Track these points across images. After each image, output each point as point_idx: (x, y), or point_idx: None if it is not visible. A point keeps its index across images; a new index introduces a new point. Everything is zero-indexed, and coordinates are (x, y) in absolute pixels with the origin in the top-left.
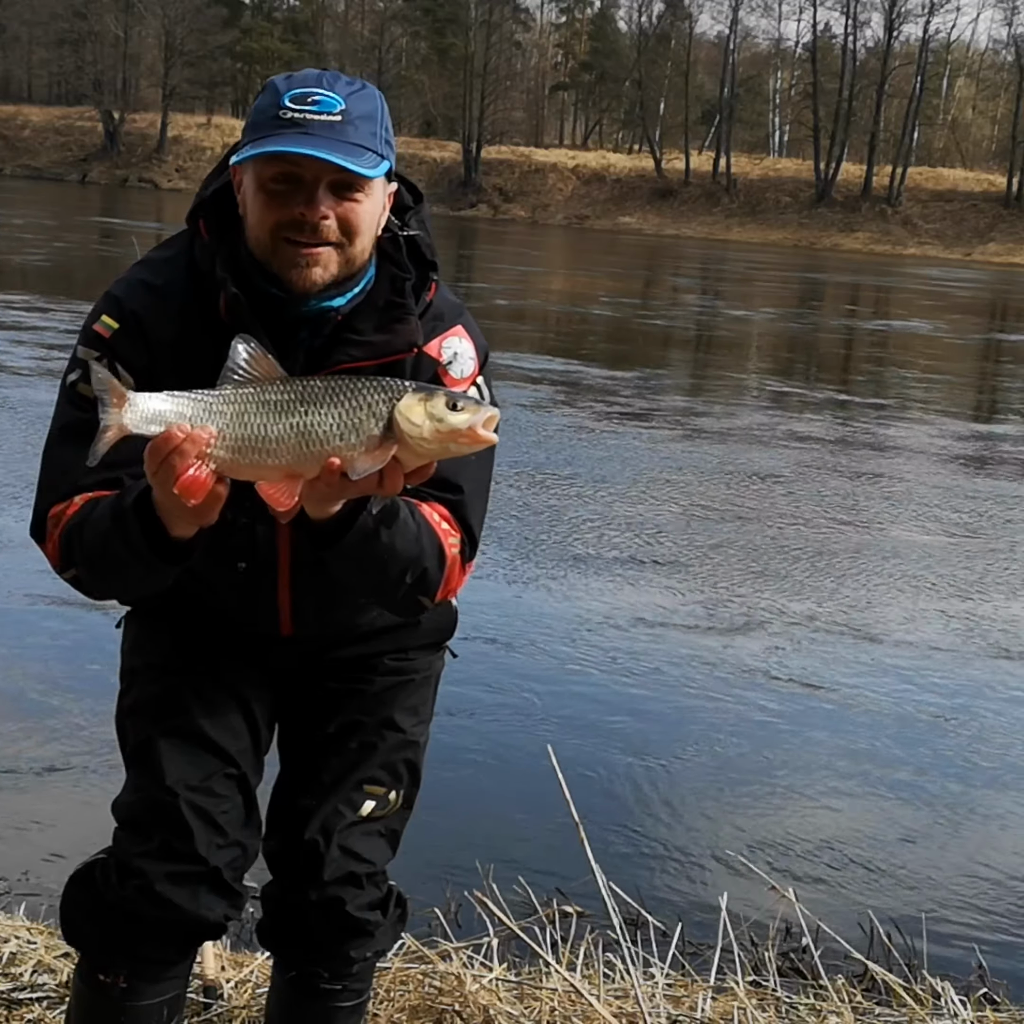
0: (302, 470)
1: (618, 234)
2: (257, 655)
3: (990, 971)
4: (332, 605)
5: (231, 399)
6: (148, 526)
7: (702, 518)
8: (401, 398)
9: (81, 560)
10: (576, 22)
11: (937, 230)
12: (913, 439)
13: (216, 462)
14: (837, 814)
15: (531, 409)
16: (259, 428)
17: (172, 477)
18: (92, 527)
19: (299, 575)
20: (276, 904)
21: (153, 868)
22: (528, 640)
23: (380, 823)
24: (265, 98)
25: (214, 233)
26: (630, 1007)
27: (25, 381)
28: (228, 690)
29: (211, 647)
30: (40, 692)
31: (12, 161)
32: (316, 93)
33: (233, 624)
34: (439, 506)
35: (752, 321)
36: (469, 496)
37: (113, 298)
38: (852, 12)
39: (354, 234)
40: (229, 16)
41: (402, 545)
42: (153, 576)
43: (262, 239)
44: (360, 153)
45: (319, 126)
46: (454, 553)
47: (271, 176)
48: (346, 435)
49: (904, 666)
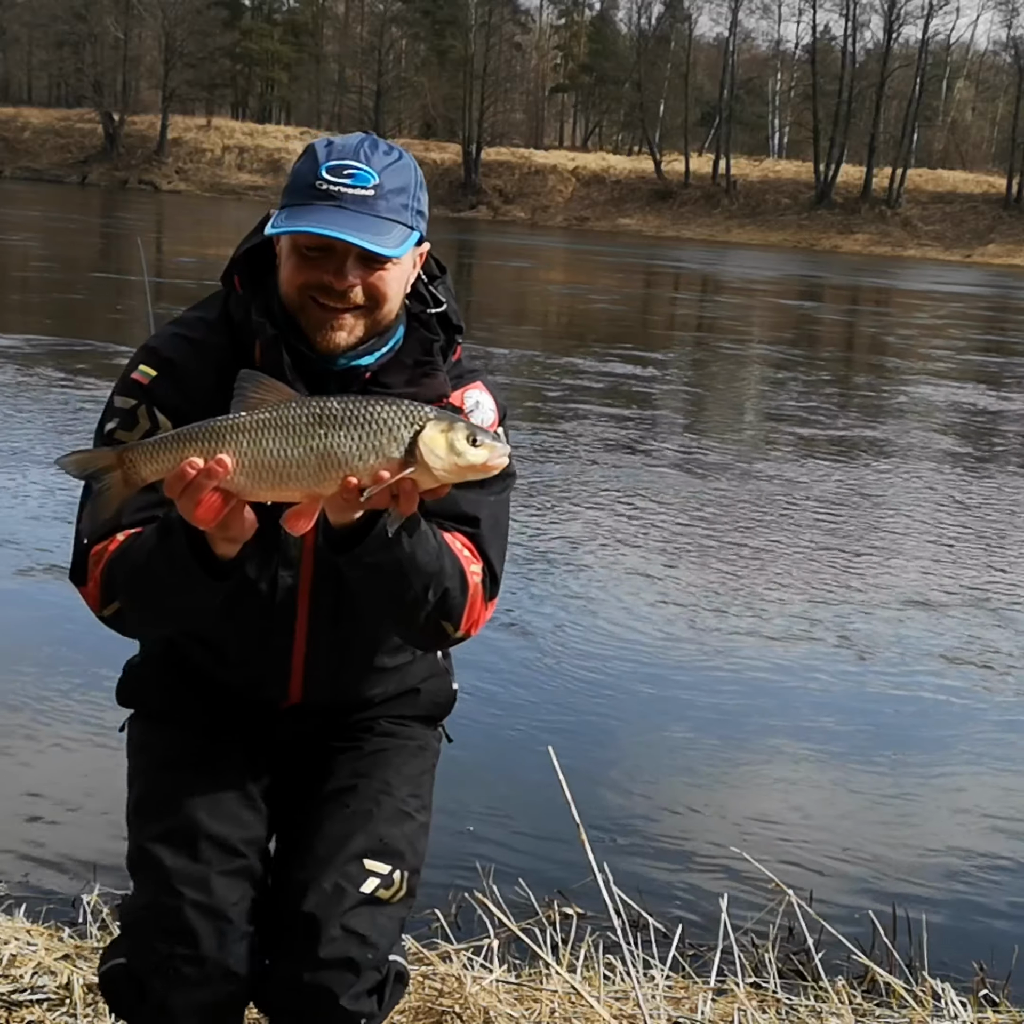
0: (321, 491)
1: (617, 235)
2: (261, 734)
3: (990, 972)
4: (344, 667)
5: (246, 425)
6: (194, 540)
7: (707, 518)
8: (424, 426)
9: (124, 586)
10: (575, 24)
11: (937, 232)
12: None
13: (235, 488)
14: (840, 815)
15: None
16: (277, 452)
17: (192, 506)
18: (137, 549)
19: (315, 636)
20: (268, 975)
21: (165, 985)
22: (528, 640)
23: (387, 908)
24: (305, 164)
25: (248, 287)
26: (630, 1009)
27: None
28: (232, 780)
29: (213, 738)
30: (40, 688)
31: (12, 163)
32: (352, 166)
33: (240, 697)
34: (459, 535)
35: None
36: (486, 530)
37: (150, 349)
38: (851, 14)
39: (381, 300)
40: (229, 18)
41: (423, 557)
42: (198, 594)
43: (291, 295)
44: (389, 228)
45: (352, 199)
46: (476, 581)
47: (305, 244)
48: (366, 456)
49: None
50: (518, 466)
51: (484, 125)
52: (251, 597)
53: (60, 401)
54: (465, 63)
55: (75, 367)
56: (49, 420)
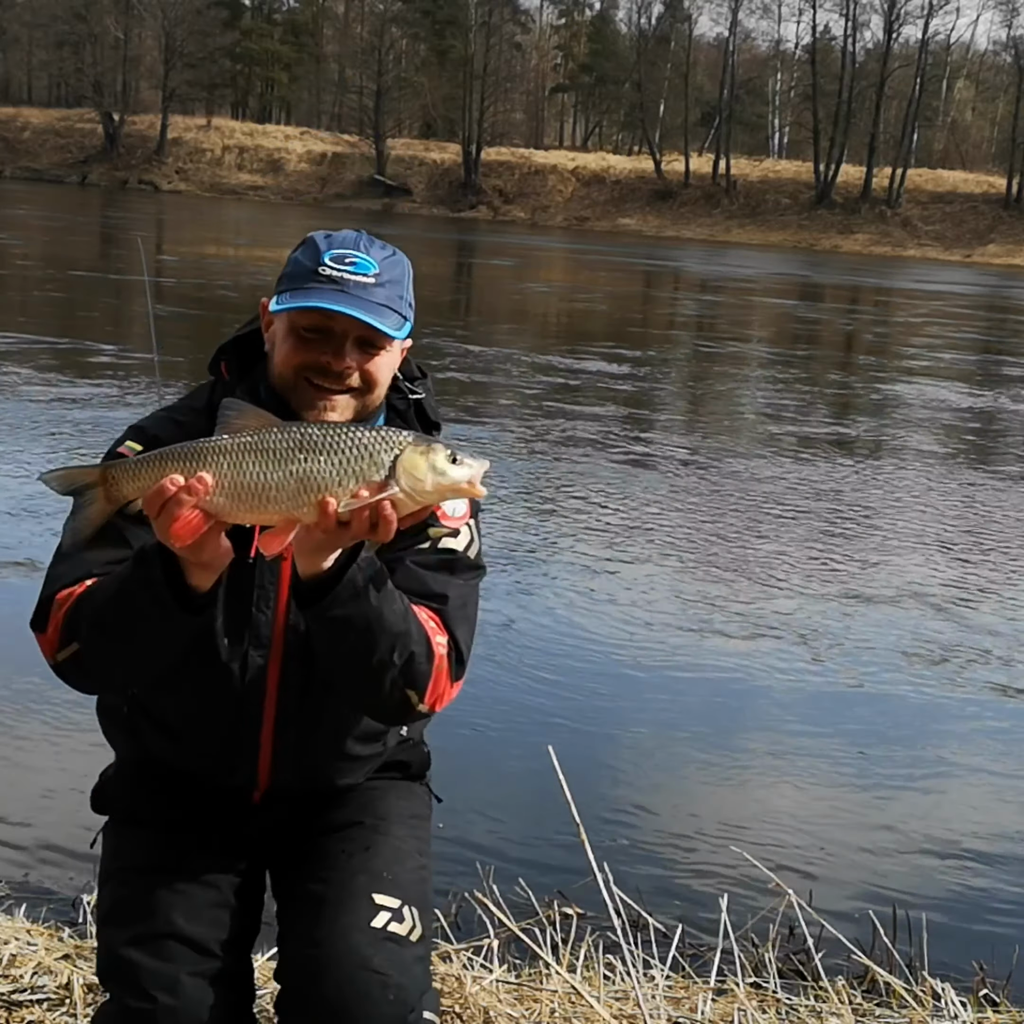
0: (300, 516)
1: (617, 235)
2: (235, 827)
3: (990, 972)
4: (313, 751)
5: (228, 448)
6: (169, 569)
7: (702, 513)
8: (404, 449)
9: (90, 619)
10: (575, 24)
11: (937, 232)
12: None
13: (214, 508)
14: (841, 815)
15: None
16: (258, 475)
17: (168, 523)
18: (109, 582)
19: (284, 718)
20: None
21: None
22: (528, 640)
23: (406, 946)
24: (305, 253)
25: (234, 373)
26: (630, 1008)
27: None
28: (207, 879)
29: (186, 837)
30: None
31: (12, 163)
32: (353, 255)
33: (211, 788)
34: (426, 608)
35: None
36: (453, 609)
37: (138, 428)
38: (851, 14)
39: (373, 384)
40: (229, 18)
41: (390, 616)
42: (166, 628)
43: (286, 376)
44: (388, 314)
45: (354, 286)
46: (441, 653)
47: (304, 325)
48: (346, 481)
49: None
50: (487, 559)
51: (484, 125)
52: (221, 677)
53: (30, 398)
54: (465, 63)
55: (46, 363)
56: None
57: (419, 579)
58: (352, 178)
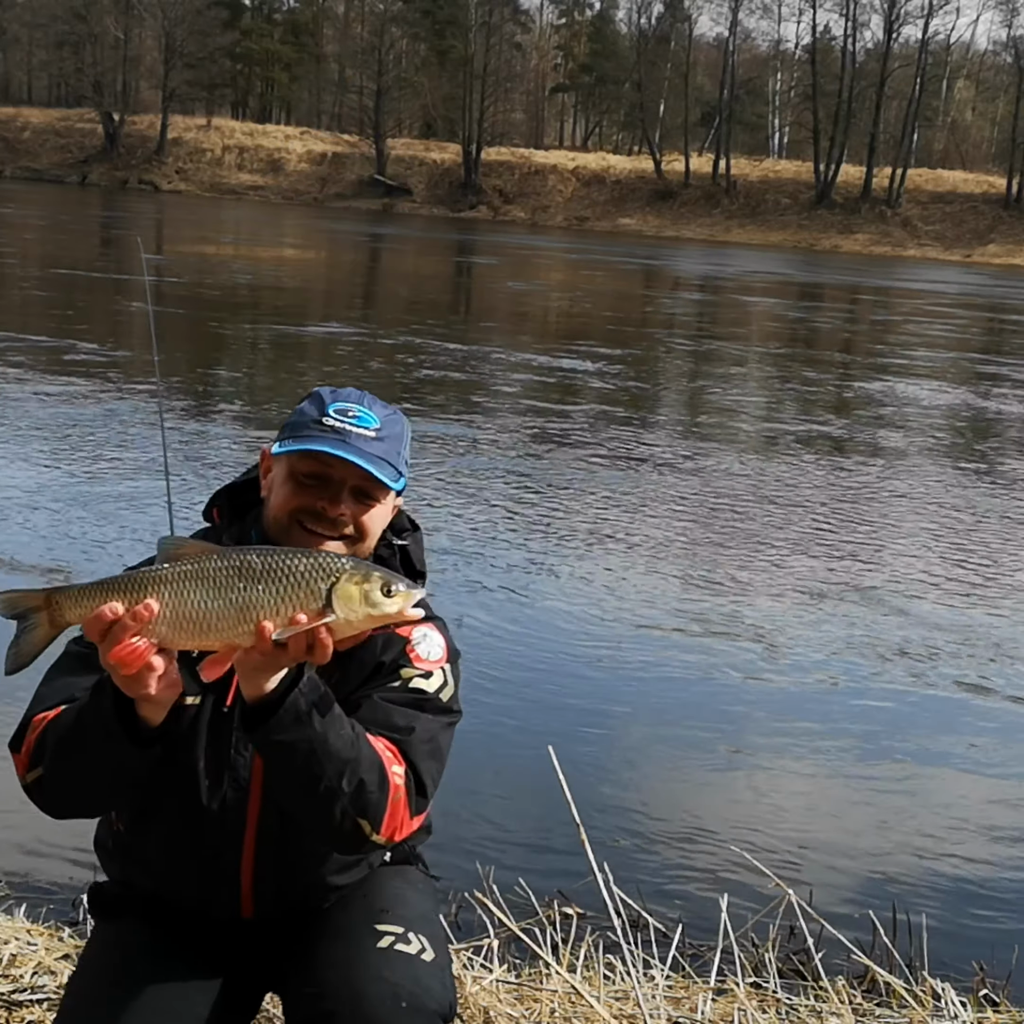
0: (240, 642)
1: (617, 235)
2: (212, 954)
3: (990, 972)
4: (293, 884)
5: (169, 576)
6: (121, 700)
7: (701, 514)
8: (340, 578)
9: (52, 746)
10: (576, 24)
11: (937, 232)
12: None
13: (156, 636)
14: (840, 816)
15: None
16: (199, 603)
17: (111, 650)
18: (70, 711)
19: (263, 854)
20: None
21: None
22: (528, 640)
23: (418, 961)
24: (311, 405)
25: (226, 518)
26: (630, 1008)
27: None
28: (179, 995)
29: (167, 955)
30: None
31: (12, 163)
32: (357, 410)
33: (189, 913)
34: (384, 739)
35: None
36: (417, 742)
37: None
38: (851, 14)
39: (366, 535)
40: (229, 18)
41: (336, 742)
42: (118, 760)
43: (280, 519)
44: (385, 467)
45: (356, 437)
46: (397, 783)
47: (304, 471)
48: (283, 609)
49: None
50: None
51: (484, 125)
52: (203, 817)
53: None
54: (465, 63)
55: (14, 360)
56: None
57: (384, 712)
58: (352, 178)
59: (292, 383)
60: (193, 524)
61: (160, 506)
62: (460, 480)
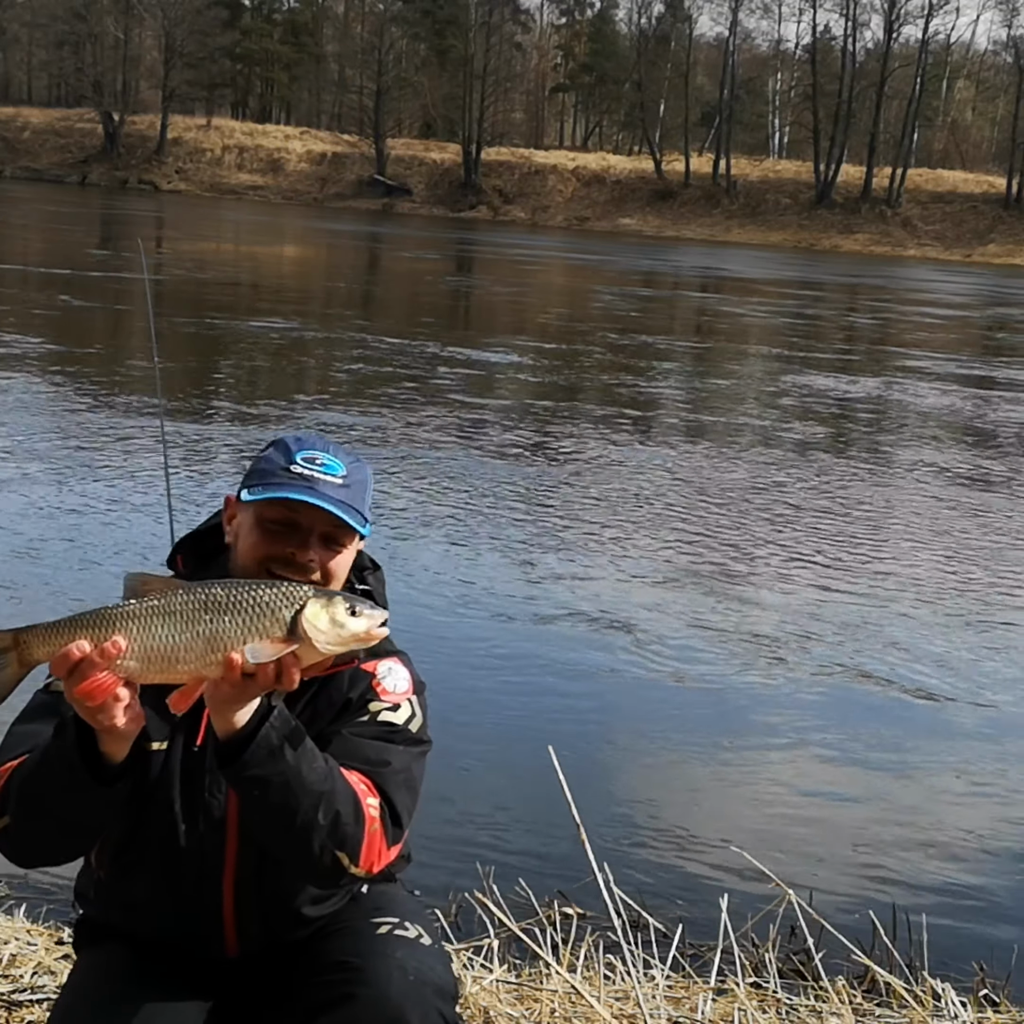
0: (208, 673)
1: (617, 235)
2: (200, 984)
3: (990, 972)
4: (274, 919)
5: (136, 612)
6: (83, 737)
7: (698, 512)
8: (304, 604)
9: (16, 789)
10: (576, 24)
11: (937, 231)
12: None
13: (124, 672)
14: (841, 815)
15: None
16: (166, 638)
17: (77, 685)
18: (34, 755)
19: (244, 890)
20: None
21: None
22: (528, 640)
23: (416, 945)
24: (276, 453)
25: (190, 566)
26: (631, 1008)
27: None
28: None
29: (145, 991)
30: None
31: (12, 163)
32: (324, 457)
33: (175, 952)
34: (357, 772)
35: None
36: (391, 773)
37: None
38: (852, 14)
39: (331, 579)
40: (229, 18)
41: (310, 776)
42: (81, 799)
43: (249, 567)
44: (352, 513)
45: (323, 484)
46: (372, 814)
47: (271, 518)
48: (250, 639)
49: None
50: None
51: (484, 125)
52: (181, 859)
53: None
54: (465, 63)
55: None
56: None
57: (355, 746)
58: (352, 178)
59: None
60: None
61: (146, 514)
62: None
